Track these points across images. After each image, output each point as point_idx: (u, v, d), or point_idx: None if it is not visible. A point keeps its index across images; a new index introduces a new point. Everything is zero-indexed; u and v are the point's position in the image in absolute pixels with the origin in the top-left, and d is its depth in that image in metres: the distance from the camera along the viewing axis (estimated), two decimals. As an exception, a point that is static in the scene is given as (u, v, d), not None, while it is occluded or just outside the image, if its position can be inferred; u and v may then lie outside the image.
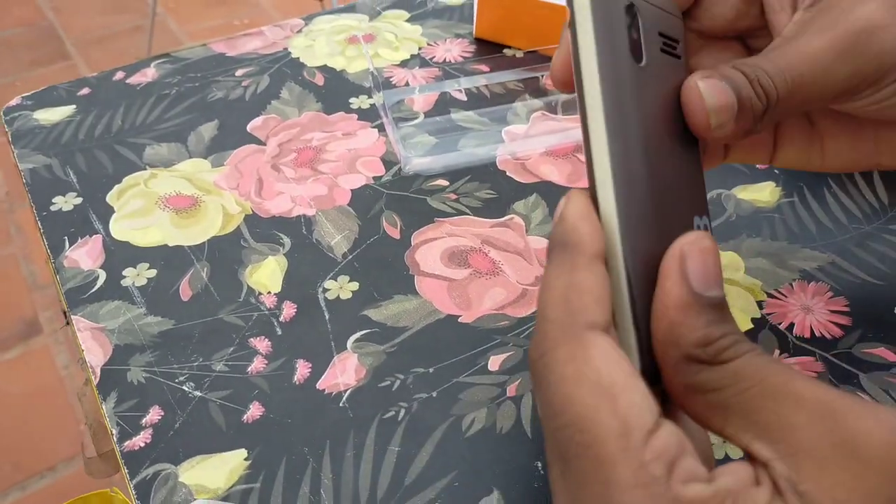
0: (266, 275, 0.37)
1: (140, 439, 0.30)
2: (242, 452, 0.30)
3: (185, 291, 0.36)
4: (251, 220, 0.40)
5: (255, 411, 0.31)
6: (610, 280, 0.20)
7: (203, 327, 0.35)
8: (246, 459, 0.30)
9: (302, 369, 0.33)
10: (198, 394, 0.32)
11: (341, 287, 0.36)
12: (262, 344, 0.34)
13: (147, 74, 0.51)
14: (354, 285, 0.36)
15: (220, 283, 0.37)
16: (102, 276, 0.37)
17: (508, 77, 0.50)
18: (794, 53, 0.24)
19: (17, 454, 1.08)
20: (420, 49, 0.53)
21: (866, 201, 0.40)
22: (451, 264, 0.37)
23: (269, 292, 0.36)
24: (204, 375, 0.33)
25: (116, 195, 0.42)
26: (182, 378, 0.33)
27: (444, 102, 0.48)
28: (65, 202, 0.42)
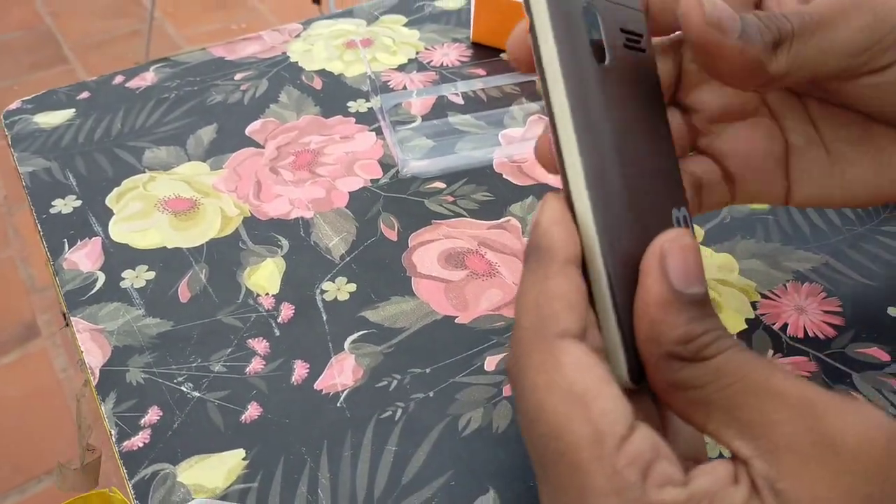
0: (264, 276, 0.37)
1: (139, 439, 0.31)
2: (240, 452, 0.30)
3: (183, 293, 0.37)
4: (249, 222, 0.40)
5: (253, 411, 0.32)
6: (590, 281, 0.20)
7: (201, 328, 0.35)
8: (244, 459, 0.30)
9: (300, 370, 0.33)
10: (196, 394, 0.32)
11: (339, 288, 0.37)
12: (260, 345, 0.34)
13: (146, 78, 0.52)
14: (352, 287, 0.37)
15: (219, 284, 0.37)
16: (101, 278, 0.38)
17: (505, 81, 0.50)
18: (812, 3, 0.24)
19: (15, 457, 1.08)
20: (417, 53, 0.54)
21: (859, 203, 0.41)
22: (448, 266, 0.38)
23: (267, 294, 0.36)
24: (202, 376, 0.33)
25: (116, 198, 0.42)
26: (181, 379, 0.33)
27: (442, 106, 0.48)
28: (64, 205, 0.42)
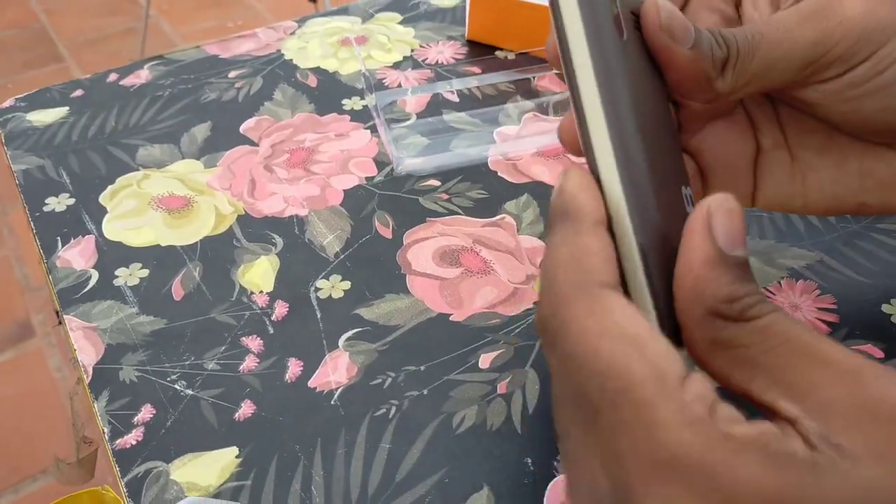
0: (258, 274, 0.37)
1: (132, 437, 0.31)
2: (234, 450, 0.30)
3: (177, 291, 0.36)
4: (244, 220, 0.40)
5: (246, 409, 0.31)
6: (618, 248, 0.20)
7: (195, 326, 0.35)
8: (237, 457, 0.30)
9: (294, 368, 0.33)
10: (189, 392, 0.32)
11: (333, 286, 0.37)
12: (254, 343, 0.34)
13: (140, 76, 0.51)
14: (346, 284, 0.37)
15: (213, 282, 0.37)
16: (95, 275, 0.37)
17: (500, 79, 0.50)
18: (760, 20, 0.25)
19: (9, 457, 1.08)
20: (412, 51, 0.54)
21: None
22: (443, 263, 0.38)
23: (261, 291, 0.36)
24: (196, 374, 0.33)
25: (109, 196, 0.42)
26: (174, 377, 0.33)
27: (437, 104, 0.48)
28: (58, 203, 0.42)
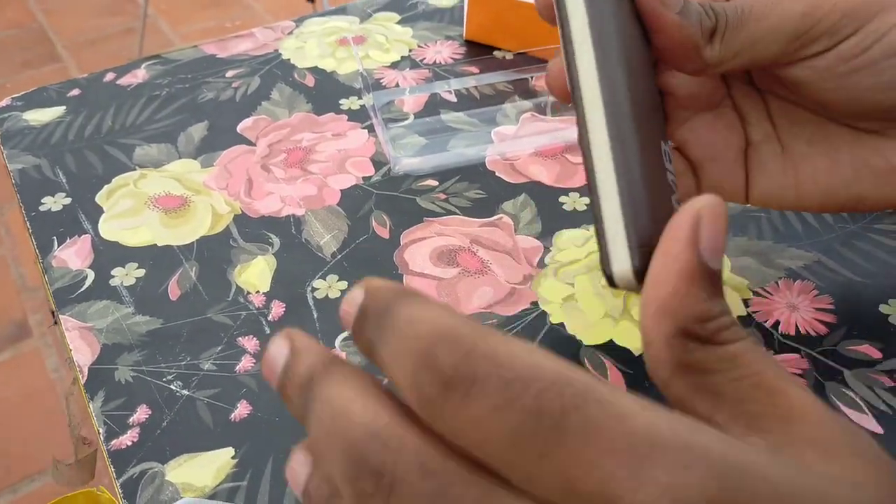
0: (255, 274, 0.37)
1: (127, 438, 0.30)
2: (230, 451, 0.30)
3: (173, 291, 0.36)
4: (240, 219, 0.40)
5: (242, 410, 0.31)
6: (595, 178, 0.22)
7: (191, 326, 0.35)
8: (233, 458, 0.30)
9: (290, 368, 0.33)
10: (185, 393, 0.32)
11: (330, 286, 0.36)
12: (250, 343, 0.34)
13: (137, 76, 0.51)
14: (343, 284, 0.37)
15: (209, 282, 0.37)
16: (91, 275, 0.37)
17: (498, 78, 0.50)
18: None
19: (7, 457, 1.07)
20: (410, 51, 0.53)
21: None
22: (440, 263, 0.38)
23: (257, 291, 0.36)
24: (192, 374, 0.33)
25: (106, 195, 0.42)
26: (170, 377, 0.33)
27: (434, 104, 0.48)
28: (54, 202, 0.42)
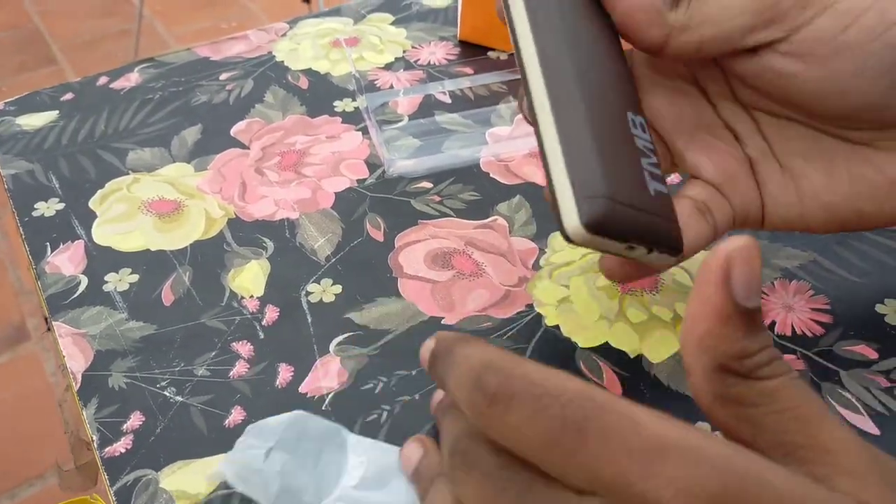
0: (249, 279, 0.37)
1: (121, 445, 0.30)
2: (224, 457, 0.30)
3: (167, 296, 0.36)
4: (234, 223, 0.40)
5: (236, 416, 0.31)
6: (542, 137, 0.24)
7: (185, 332, 0.34)
8: (228, 464, 0.30)
9: (284, 373, 0.33)
10: (179, 399, 0.32)
11: (324, 290, 0.36)
12: (244, 348, 0.34)
13: (131, 79, 0.51)
14: (337, 288, 0.36)
15: (203, 287, 0.37)
16: (84, 281, 0.37)
17: (492, 79, 0.50)
18: None
19: (5, 462, 1.07)
20: (404, 52, 0.53)
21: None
22: (435, 266, 0.37)
23: (251, 296, 0.36)
24: (185, 380, 0.33)
25: (99, 200, 0.42)
26: (163, 383, 0.32)
27: (429, 105, 0.48)
28: (47, 208, 0.41)
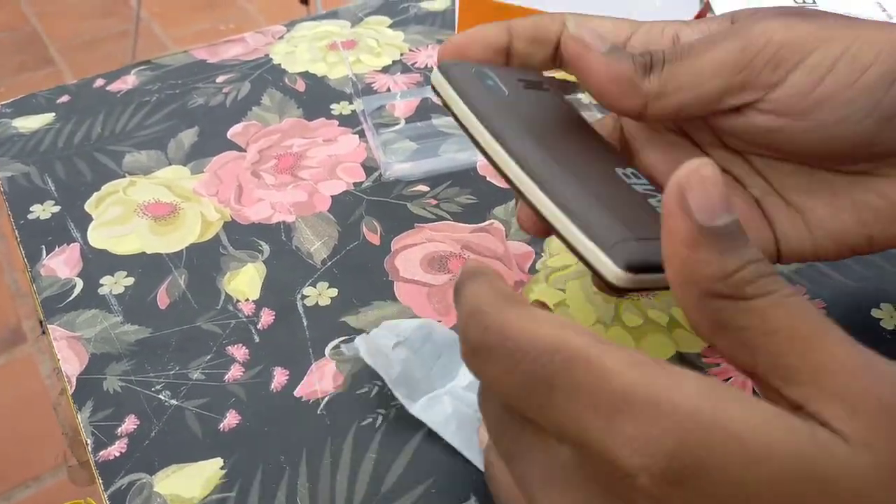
0: (244, 282, 0.37)
1: (115, 449, 0.30)
2: (218, 461, 0.30)
3: (162, 299, 0.36)
4: (230, 226, 0.40)
5: (231, 419, 0.31)
6: (549, 220, 0.24)
7: (180, 335, 0.34)
8: (222, 468, 0.29)
9: (279, 377, 0.33)
10: (174, 402, 0.32)
11: (320, 294, 0.36)
12: (239, 352, 0.34)
13: (127, 82, 0.51)
14: (333, 292, 0.36)
15: (198, 290, 0.37)
16: (80, 284, 0.37)
17: (489, 82, 0.50)
18: (687, 38, 0.28)
19: (1, 464, 1.07)
20: (402, 55, 0.53)
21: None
22: (431, 270, 0.37)
23: (247, 299, 0.36)
24: (180, 384, 0.32)
25: (95, 203, 0.42)
26: (158, 387, 0.32)
27: (425, 108, 0.48)
28: (42, 210, 0.41)
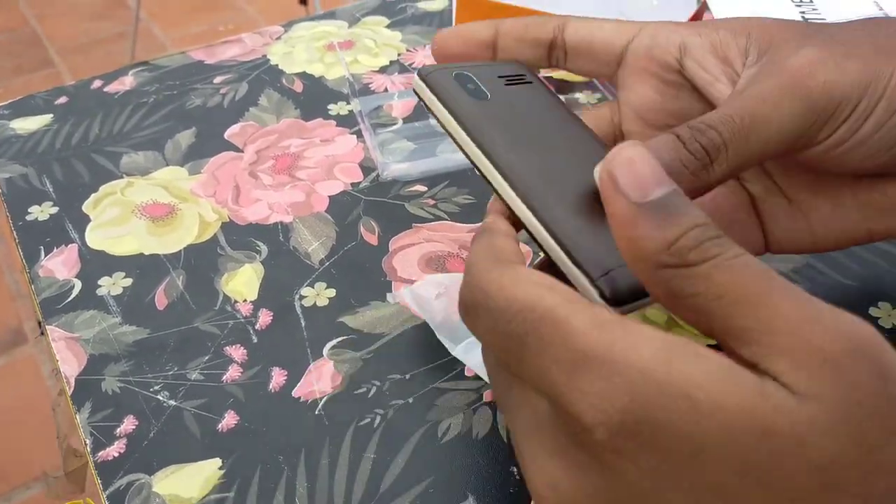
0: (242, 282, 0.37)
1: (114, 449, 0.30)
2: (217, 462, 0.30)
3: (160, 300, 0.36)
4: (228, 227, 0.40)
5: (229, 420, 0.31)
6: (539, 243, 0.23)
7: (178, 336, 0.34)
8: (220, 469, 0.30)
9: (277, 377, 0.33)
10: (172, 403, 0.32)
11: (318, 294, 0.36)
12: (237, 352, 0.34)
13: (125, 83, 0.51)
14: (331, 292, 0.36)
15: (196, 291, 0.37)
16: (78, 285, 0.37)
17: (487, 82, 0.50)
18: (742, 98, 0.25)
19: (2, 465, 1.07)
20: (399, 55, 0.53)
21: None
22: (429, 270, 0.37)
23: (245, 300, 0.36)
24: (179, 384, 0.33)
25: (93, 204, 0.42)
26: (157, 387, 0.32)
27: (423, 108, 0.48)
28: (41, 212, 0.41)
